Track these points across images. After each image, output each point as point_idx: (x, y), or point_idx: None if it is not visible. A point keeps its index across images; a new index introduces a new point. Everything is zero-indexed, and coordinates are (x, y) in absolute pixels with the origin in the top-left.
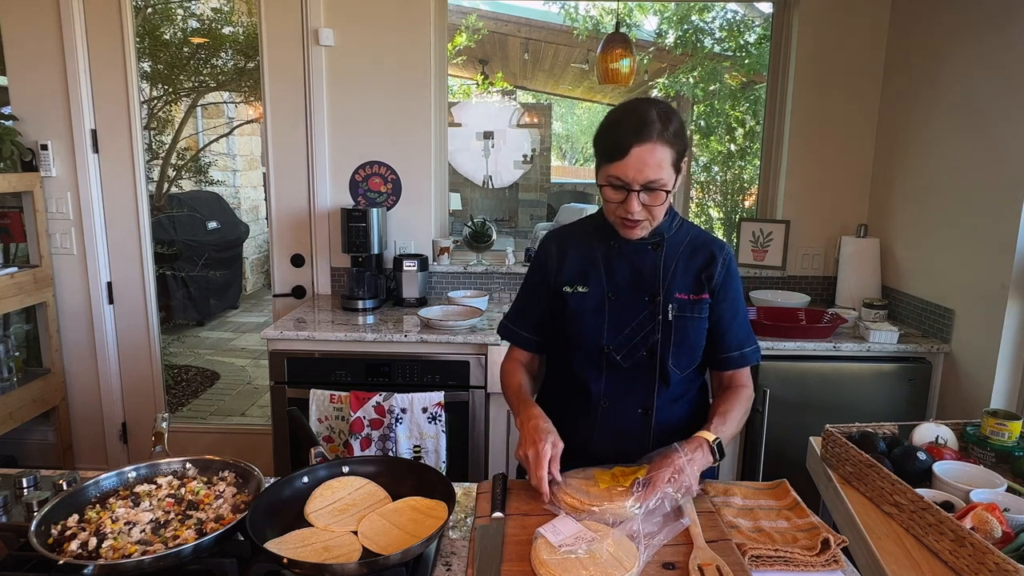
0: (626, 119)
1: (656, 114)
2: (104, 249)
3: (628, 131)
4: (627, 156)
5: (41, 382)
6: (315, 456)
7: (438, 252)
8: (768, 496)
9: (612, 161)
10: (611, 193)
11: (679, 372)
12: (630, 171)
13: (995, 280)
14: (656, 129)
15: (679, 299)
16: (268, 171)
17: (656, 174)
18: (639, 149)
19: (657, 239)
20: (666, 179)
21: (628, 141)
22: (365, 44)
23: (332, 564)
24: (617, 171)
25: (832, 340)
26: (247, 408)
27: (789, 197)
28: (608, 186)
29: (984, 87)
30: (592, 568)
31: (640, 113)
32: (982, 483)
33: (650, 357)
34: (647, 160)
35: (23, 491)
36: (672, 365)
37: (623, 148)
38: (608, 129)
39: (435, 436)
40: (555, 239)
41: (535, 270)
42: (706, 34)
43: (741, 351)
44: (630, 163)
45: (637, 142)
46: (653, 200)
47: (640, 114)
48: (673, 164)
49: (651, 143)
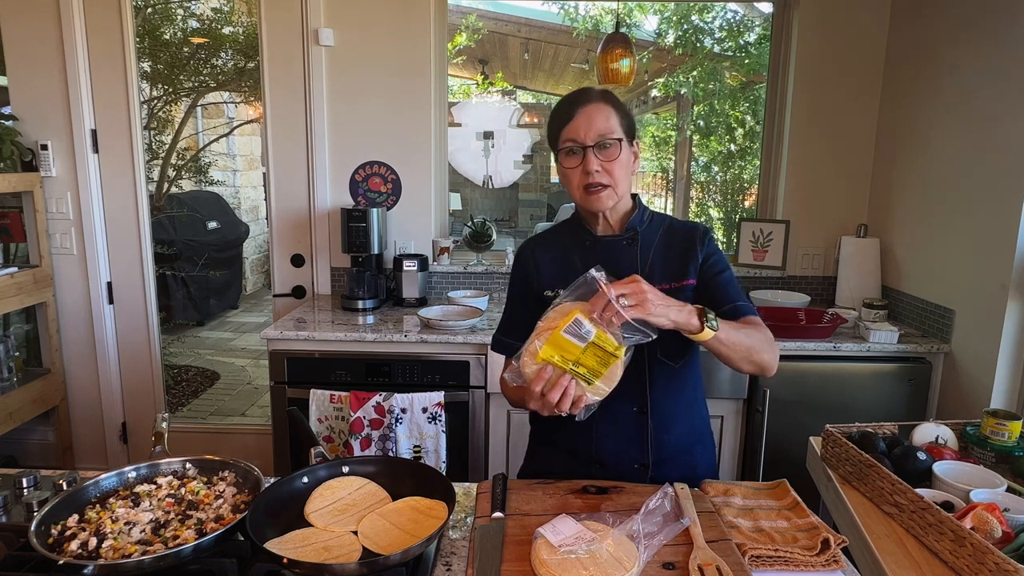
0: (569, 95)
1: (598, 89)
2: (104, 249)
3: (571, 99)
4: (575, 117)
5: (41, 382)
6: (315, 456)
7: (438, 252)
8: (768, 496)
9: (563, 127)
10: (569, 160)
11: (672, 363)
12: (580, 129)
13: (995, 280)
14: (596, 94)
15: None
16: (268, 171)
17: (605, 127)
18: (584, 108)
19: (631, 234)
20: (615, 132)
21: (573, 107)
22: (365, 44)
23: (332, 564)
24: (568, 133)
25: (832, 340)
26: (247, 408)
27: (789, 197)
28: (564, 152)
29: (984, 87)
30: (592, 568)
31: (581, 89)
32: (982, 483)
33: (639, 354)
34: (593, 115)
35: (23, 491)
36: (662, 356)
37: (571, 113)
38: (555, 109)
39: (435, 436)
40: (530, 246)
41: (517, 280)
42: (706, 34)
43: (732, 304)
44: (579, 121)
45: (582, 104)
46: (608, 156)
47: (581, 89)
48: (622, 126)
49: (594, 103)
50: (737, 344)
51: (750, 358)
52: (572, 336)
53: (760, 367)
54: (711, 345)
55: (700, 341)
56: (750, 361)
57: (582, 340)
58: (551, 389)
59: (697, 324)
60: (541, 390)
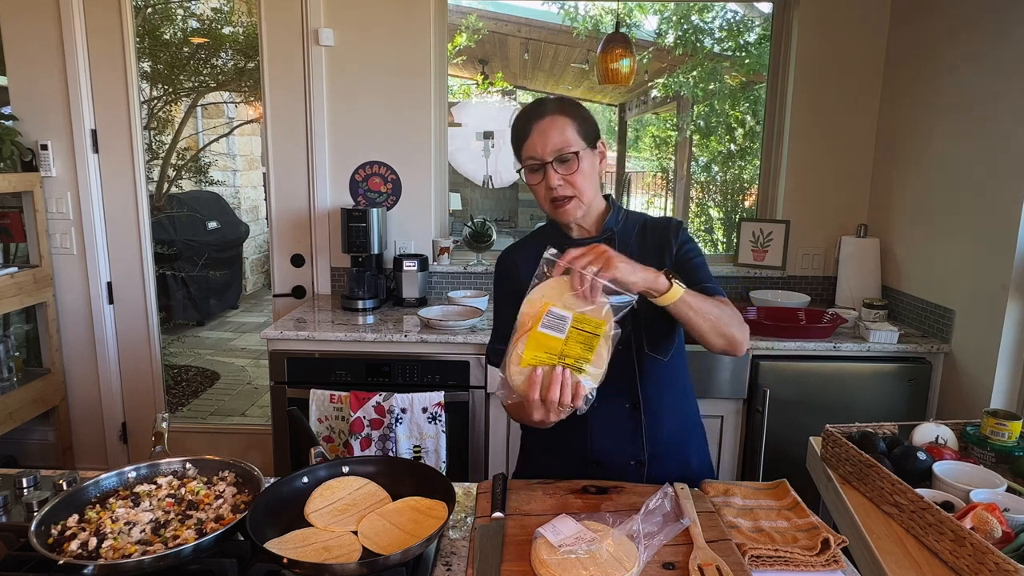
0: (524, 109)
1: (551, 99)
2: (104, 249)
3: (527, 116)
4: (531, 134)
5: (41, 382)
6: (315, 456)
7: (438, 252)
8: (768, 496)
9: (522, 144)
10: (532, 176)
11: (661, 357)
12: (537, 145)
13: (995, 280)
14: (550, 107)
15: None
16: (268, 171)
17: (561, 141)
18: (539, 124)
19: (608, 234)
20: (572, 145)
21: (529, 123)
22: (365, 44)
23: (332, 564)
24: (527, 151)
25: (832, 340)
26: (247, 408)
27: (789, 197)
28: (527, 170)
29: (984, 87)
30: (592, 568)
31: (536, 102)
32: (982, 483)
33: (627, 350)
34: (548, 131)
35: (23, 491)
36: (650, 350)
37: (527, 129)
38: (513, 124)
39: (435, 436)
40: (510, 254)
41: (501, 288)
42: (706, 34)
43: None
44: (535, 138)
45: (536, 119)
46: (568, 169)
47: (536, 102)
48: (579, 133)
49: (548, 116)
50: (707, 313)
51: (720, 330)
52: (549, 329)
53: (730, 341)
54: (680, 310)
55: (670, 304)
56: (720, 334)
57: (560, 330)
58: (548, 388)
59: (665, 283)
60: (539, 396)
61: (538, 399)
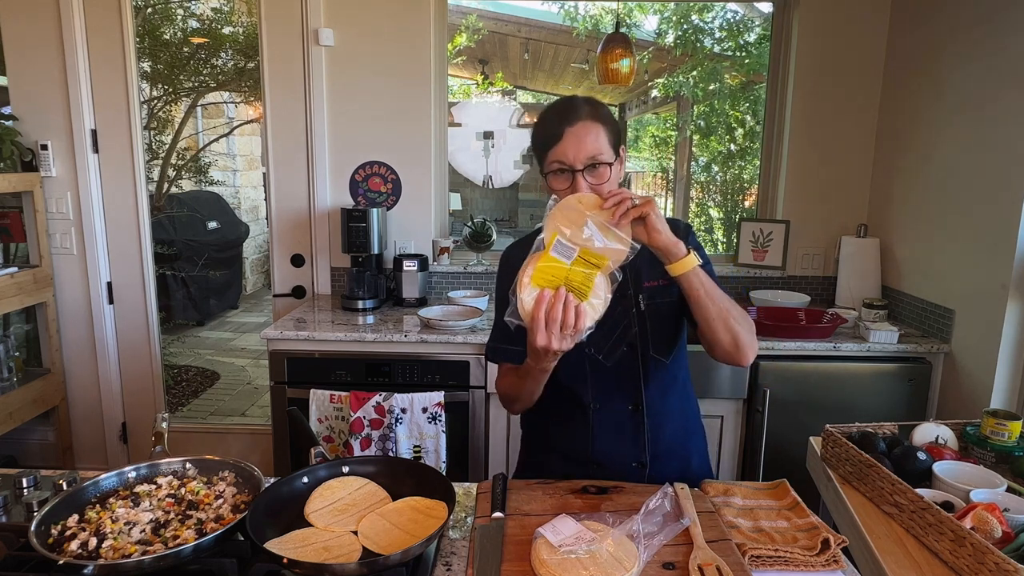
0: (555, 108)
1: (582, 100)
2: (104, 249)
3: (559, 118)
4: (563, 138)
5: (41, 382)
6: (315, 456)
7: (438, 252)
8: (768, 496)
9: (550, 147)
10: (557, 181)
11: (664, 359)
12: (570, 151)
13: (995, 280)
14: (585, 111)
15: (649, 287)
16: (268, 171)
17: (595, 149)
18: (573, 129)
19: None
20: (606, 154)
21: (561, 125)
22: (365, 44)
23: (332, 564)
24: (557, 155)
25: (832, 340)
26: (247, 408)
27: (789, 197)
28: (553, 174)
29: (984, 87)
30: (592, 568)
31: (567, 101)
32: (982, 483)
33: (631, 351)
34: (583, 137)
35: (23, 491)
36: (654, 353)
37: (558, 132)
38: (541, 122)
39: (435, 436)
40: (514, 251)
41: (504, 284)
42: (706, 34)
43: None
44: (568, 144)
45: (569, 124)
46: (598, 179)
47: (567, 102)
48: (610, 143)
49: (582, 122)
50: (717, 297)
51: (727, 323)
52: (559, 255)
53: (736, 341)
54: (692, 284)
55: (682, 276)
56: (727, 327)
57: (568, 257)
58: (552, 307)
59: (684, 248)
60: (545, 317)
61: (543, 321)
